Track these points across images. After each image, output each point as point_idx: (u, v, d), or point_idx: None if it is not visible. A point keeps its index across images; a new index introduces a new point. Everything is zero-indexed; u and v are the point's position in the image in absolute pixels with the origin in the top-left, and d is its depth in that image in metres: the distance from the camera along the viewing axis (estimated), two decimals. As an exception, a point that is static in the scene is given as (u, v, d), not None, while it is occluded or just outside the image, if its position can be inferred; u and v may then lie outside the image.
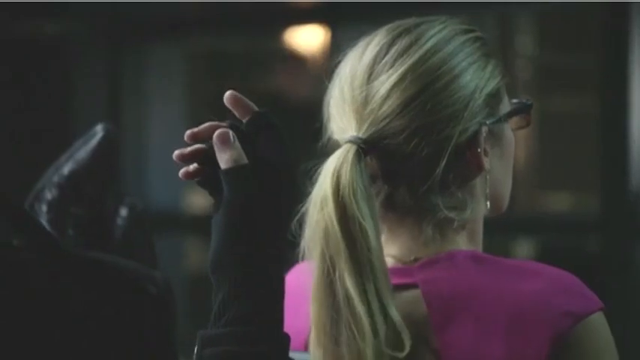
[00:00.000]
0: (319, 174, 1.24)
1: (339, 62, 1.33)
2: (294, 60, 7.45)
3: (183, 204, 5.05)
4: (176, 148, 1.18)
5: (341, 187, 1.20)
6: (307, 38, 7.38)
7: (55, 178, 1.25)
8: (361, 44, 1.32)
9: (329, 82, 1.34)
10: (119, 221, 1.14)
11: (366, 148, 1.24)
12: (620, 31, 3.68)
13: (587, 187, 5.30)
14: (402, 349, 1.18)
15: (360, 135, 1.25)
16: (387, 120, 1.25)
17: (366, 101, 1.26)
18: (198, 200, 6.89)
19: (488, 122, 1.27)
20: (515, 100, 1.33)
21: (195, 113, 6.69)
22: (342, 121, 1.28)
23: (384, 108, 1.25)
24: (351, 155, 1.22)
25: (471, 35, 1.31)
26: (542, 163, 6.32)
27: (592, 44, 4.87)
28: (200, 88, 7.62)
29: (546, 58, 7.58)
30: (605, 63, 3.74)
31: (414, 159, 1.25)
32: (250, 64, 7.18)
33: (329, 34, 4.30)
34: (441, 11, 4.10)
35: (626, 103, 3.65)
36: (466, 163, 1.27)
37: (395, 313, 1.19)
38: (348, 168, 1.21)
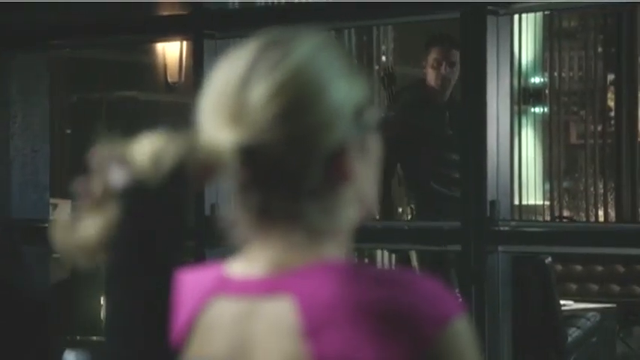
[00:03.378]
0: None
1: (211, 71, 1.35)
2: (160, 70, 7.41)
3: (47, 213, 4.98)
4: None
5: None
6: (173, 48, 7.36)
7: None
8: (233, 53, 1.34)
9: (196, 91, 1.35)
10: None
11: (241, 155, 1.27)
12: (478, 46, 3.80)
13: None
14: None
15: (237, 142, 1.27)
16: (263, 128, 1.28)
17: (241, 110, 1.29)
18: (63, 209, 6.79)
19: (356, 132, 1.32)
20: (377, 112, 1.39)
21: (58, 121, 6.60)
22: (215, 129, 1.30)
23: (260, 117, 1.28)
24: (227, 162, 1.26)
25: (338, 49, 1.35)
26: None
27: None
28: (63, 97, 7.52)
29: (405, 71, 7.73)
30: (463, 78, 3.86)
31: (287, 167, 1.29)
32: (115, 73, 7.12)
33: (195, 45, 4.31)
34: (305, 22, 4.15)
35: (483, 116, 3.77)
36: (336, 171, 1.31)
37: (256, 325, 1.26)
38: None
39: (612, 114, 8.04)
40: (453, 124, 5.47)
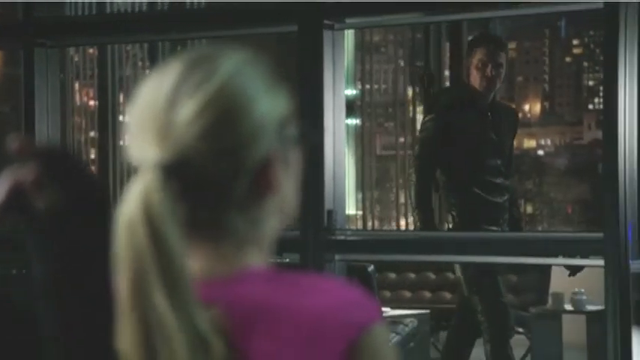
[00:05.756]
0: (123, 197, 1.28)
1: (137, 88, 1.37)
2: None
3: None
4: None
5: (151, 210, 1.27)
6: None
7: None
8: (158, 72, 1.37)
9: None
10: None
11: (170, 171, 1.30)
12: (315, 58, 3.88)
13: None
14: (214, 357, 1.25)
15: (164, 159, 1.31)
16: (190, 144, 1.31)
17: (168, 127, 1.32)
18: None
19: (280, 145, 1.37)
20: (299, 124, 1.43)
21: None
22: (143, 145, 1.33)
23: (187, 133, 1.31)
24: (157, 178, 1.28)
25: (262, 65, 1.40)
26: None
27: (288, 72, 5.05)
28: None
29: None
30: (301, 90, 3.93)
31: (214, 180, 1.33)
32: None
33: (26, 53, 4.23)
34: (134, 32, 4.10)
35: (321, 127, 3.85)
36: (262, 182, 1.36)
37: (203, 325, 1.26)
38: (157, 191, 1.27)
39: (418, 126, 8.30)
40: (496, 128, 5.21)
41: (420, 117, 8.22)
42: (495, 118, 5.22)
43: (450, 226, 5.19)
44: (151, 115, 1.33)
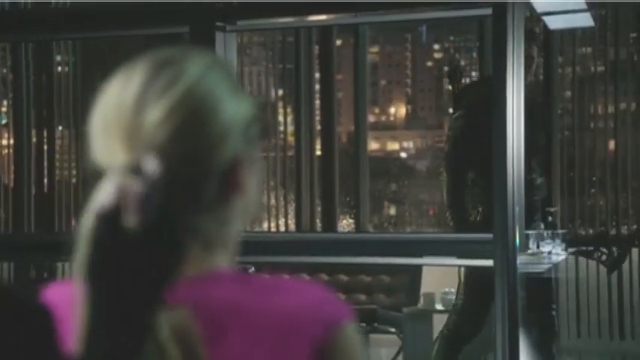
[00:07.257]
0: (91, 200, 1.26)
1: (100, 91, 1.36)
2: None
3: None
4: None
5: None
6: None
7: None
8: (123, 74, 1.35)
9: None
10: None
11: (136, 175, 1.28)
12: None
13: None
14: None
15: (132, 161, 1.29)
16: (159, 147, 1.30)
17: (135, 129, 1.31)
18: None
19: (246, 147, 1.38)
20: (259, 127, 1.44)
21: None
22: (110, 149, 1.32)
23: (156, 136, 1.30)
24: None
25: (225, 68, 1.40)
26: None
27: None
28: None
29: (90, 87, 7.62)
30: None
31: (183, 183, 1.32)
32: None
33: None
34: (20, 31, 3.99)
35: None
36: (230, 183, 1.36)
37: (162, 332, 1.24)
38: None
39: (292, 128, 8.33)
40: (526, 123, 4.91)
41: (290, 119, 8.27)
42: (525, 112, 5.10)
43: (477, 219, 5.11)
44: (118, 118, 1.32)
